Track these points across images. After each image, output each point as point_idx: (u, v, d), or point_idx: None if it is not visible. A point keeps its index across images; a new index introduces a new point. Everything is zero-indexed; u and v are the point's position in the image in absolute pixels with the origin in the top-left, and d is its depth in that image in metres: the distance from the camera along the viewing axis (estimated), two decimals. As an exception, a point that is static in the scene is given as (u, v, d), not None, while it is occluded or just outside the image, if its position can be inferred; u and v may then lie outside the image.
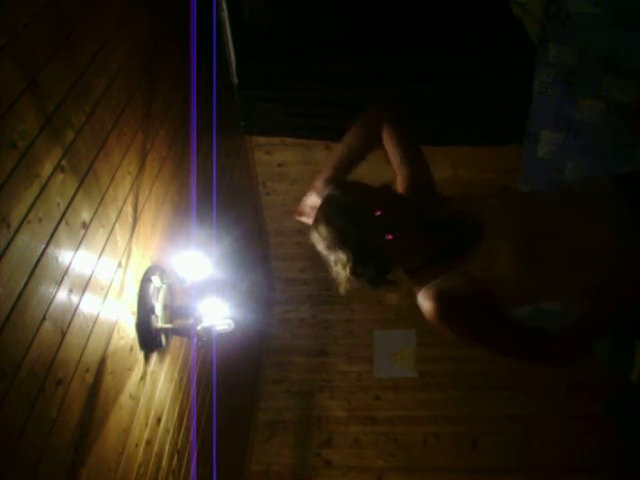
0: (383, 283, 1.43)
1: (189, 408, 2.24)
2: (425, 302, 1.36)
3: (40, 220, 1.24)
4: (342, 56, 2.92)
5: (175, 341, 2.07)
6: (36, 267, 1.22)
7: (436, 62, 2.90)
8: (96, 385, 1.49)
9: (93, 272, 1.47)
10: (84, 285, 1.42)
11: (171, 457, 2.04)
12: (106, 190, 1.57)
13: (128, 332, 1.68)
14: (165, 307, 1.87)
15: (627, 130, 2.49)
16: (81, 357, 1.41)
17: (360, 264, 1.34)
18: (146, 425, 1.82)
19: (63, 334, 1.32)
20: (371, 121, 1.59)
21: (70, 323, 1.35)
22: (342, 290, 1.42)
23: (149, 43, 1.93)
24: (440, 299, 1.33)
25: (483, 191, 1.48)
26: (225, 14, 2.80)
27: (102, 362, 1.52)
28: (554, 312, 3.23)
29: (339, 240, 1.33)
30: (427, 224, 1.40)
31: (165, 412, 1.99)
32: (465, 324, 1.36)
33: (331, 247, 1.35)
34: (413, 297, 1.45)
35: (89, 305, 1.44)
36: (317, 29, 2.89)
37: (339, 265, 1.36)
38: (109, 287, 1.56)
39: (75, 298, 1.38)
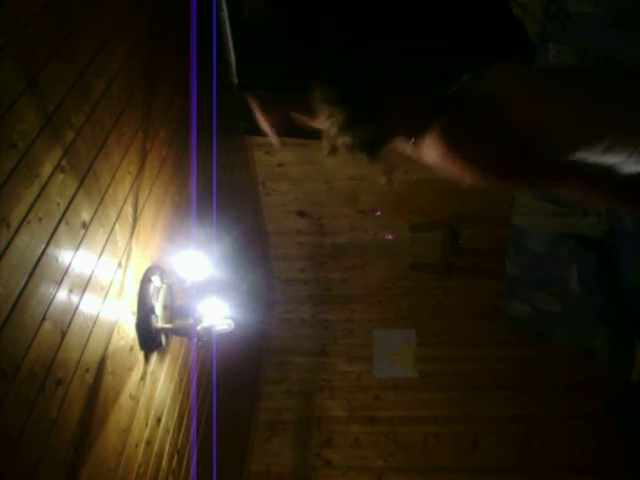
0: (378, 147, 1.36)
1: (189, 408, 2.24)
2: (429, 141, 1.31)
3: (40, 220, 1.24)
4: (342, 56, 2.92)
5: (175, 341, 2.07)
6: (36, 267, 1.22)
7: (436, 62, 2.89)
8: (96, 385, 1.49)
9: (93, 272, 1.47)
10: (84, 285, 1.42)
11: (171, 457, 2.04)
12: (106, 190, 1.57)
13: (128, 332, 1.68)
14: (165, 307, 1.87)
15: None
16: (81, 357, 1.41)
17: (356, 120, 1.30)
18: (146, 425, 1.82)
19: (63, 334, 1.32)
20: None
21: (70, 323, 1.35)
22: (329, 164, 1.37)
23: (149, 43, 1.93)
24: (442, 126, 1.27)
25: None
26: (225, 14, 2.80)
27: (102, 362, 1.52)
28: (555, 312, 3.23)
29: (337, 92, 1.29)
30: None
31: (165, 412, 1.99)
32: (473, 143, 1.30)
33: (328, 101, 1.30)
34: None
35: (89, 305, 1.44)
36: (317, 29, 2.89)
37: (334, 127, 1.31)
38: (109, 287, 1.56)
39: (75, 298, 1.38)
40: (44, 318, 1.24)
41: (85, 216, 1.45)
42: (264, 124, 1.55)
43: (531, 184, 1.45)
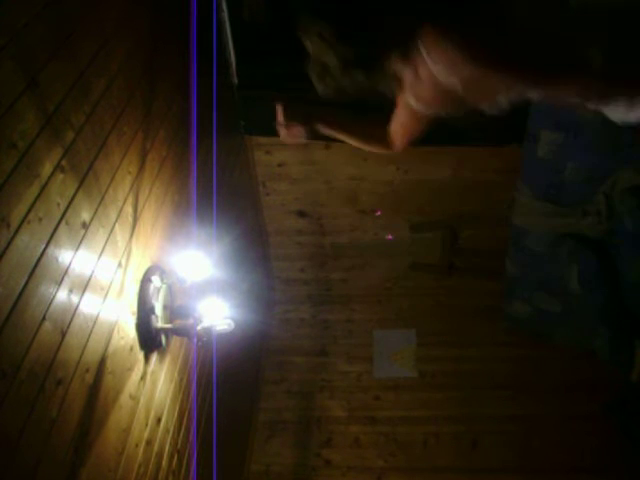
0: (371, 63, 1.36)
1: (189, 408, 2.24)
2: (425, 37, 1.32)
3: (40, 220, 1.24)
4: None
5: (175, 341, 2.07)
6: (36, 267, 1.22)
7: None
8: (96, 385, 1.49)
9: (93, 272, 1.47)
10: (84, 285, 1.42)
11: (171, 457, 2.04)
12: (106, 190, 1.57)
13: (128, 332, 1.68)
14: (165, 307, 1.87)
15: (627, 130, 2.49)
16: (81, 357, 1.41)
17: (344, 34, 1.30)
18: (146, 425, 1.82)
19: (63, 334, 1.32)
20: None
21: (70, 323, 1.35)
22: (321, 89, 1.38)
23: (149, 43, 1.93)
24: (447, 33, 1.30)
25: None
26: (225, 14, 2.80)
27: (102, 362, 1.52)
28: (555, 312, 3.23)
29: (321, 8, 1.31)
30: None
31: (165, 412, 1.99)
32: (483, 43, 1.33)
33: (315, 17, 1.31)
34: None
35: (89, 305, 1.44)
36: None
37: (323, 44, 1.31)
38: (109, 287, 1.56)
39: (75, 298, 1.38)
40: (44, 318, 1.24)
41: (85, 216, 1.45)
42: (285, 133, 1.58)
43: (529, 80, 1.45)
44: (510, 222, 3.07)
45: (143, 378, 1.79)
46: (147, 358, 1.82)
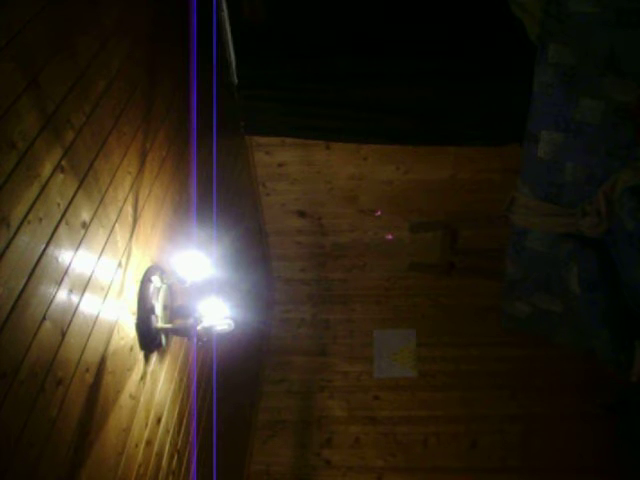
0: None
1: (189, 408, 2.24)
2: None
3: (40, 220, 1.24)
4: (342, 56, 2.92)
5: (175, 341, 2.07)
6: (36, 267, 1.22)
7: (436, 62, 2.90)
8: (96, 385, 1.49)
9: (93, 272, 1.47)
10: (84, 285, 1.42)
11: (171, 457, 2.04)
12: (106, 190, 1.57)
13: (128, 332, 1.68)
14: (165, 307, 1.88)
15: (627, 130, 2.49)
16: (81, 357, 1.41)
17: None
18: (146, 425, 1.82)
19: (63, 334, 1.32)
20: None
21: (70, 323, 1.35)
22: None
23: (149, 43, 1.94)
24: None
25: None
26: (225, 14, 2.80)
27: (102, 362, 1.52)
28: (555, 312, 3.23)
29: None
30: None
31: (165, 412, 1.99)
32: None
33: None
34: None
35: (89, 305, 1.44)
36: (317, 29, 2.89)
37: None
38: (109, 287, 1.56)
39: (75, 298, 1.38)
40: (44, 318, 1.24)
41: (85, 216, 1.45)
42: None
43: None
44: (510, 222, 3.07)
45: (143, 378, 1.79)
46: (147, 358, 1.82)
